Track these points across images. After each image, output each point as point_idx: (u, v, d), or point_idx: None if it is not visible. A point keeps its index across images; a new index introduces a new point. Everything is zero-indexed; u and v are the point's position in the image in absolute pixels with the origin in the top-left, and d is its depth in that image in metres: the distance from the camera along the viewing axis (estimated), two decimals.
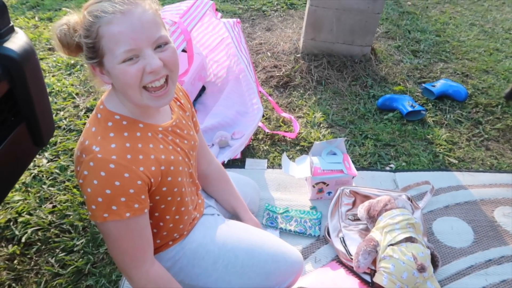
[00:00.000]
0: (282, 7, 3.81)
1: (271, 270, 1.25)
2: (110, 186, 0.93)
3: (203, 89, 2.47)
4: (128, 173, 0.94)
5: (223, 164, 1.91)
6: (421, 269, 1.35)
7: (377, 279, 1.40)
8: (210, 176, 1.43)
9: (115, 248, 1.01)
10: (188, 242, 1.23)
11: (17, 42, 1.17)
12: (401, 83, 2.78)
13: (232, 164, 2.04)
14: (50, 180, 1.92)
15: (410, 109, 2.39)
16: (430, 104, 2.58)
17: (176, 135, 1.12)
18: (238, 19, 2.24)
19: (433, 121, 2.44)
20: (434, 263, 1.50)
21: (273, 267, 1.25)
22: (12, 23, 1.21)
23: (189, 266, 1.20)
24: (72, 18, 0.93)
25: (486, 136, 2.35)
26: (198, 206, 1.30)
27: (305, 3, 3.50)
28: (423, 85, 2.71)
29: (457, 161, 2.15)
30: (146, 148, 1.01)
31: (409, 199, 1.70)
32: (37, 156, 2.05)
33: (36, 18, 3.46)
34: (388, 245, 1.42)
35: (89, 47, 0.91)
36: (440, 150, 2.22)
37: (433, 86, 2.65)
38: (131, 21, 0.87)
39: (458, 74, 2.93)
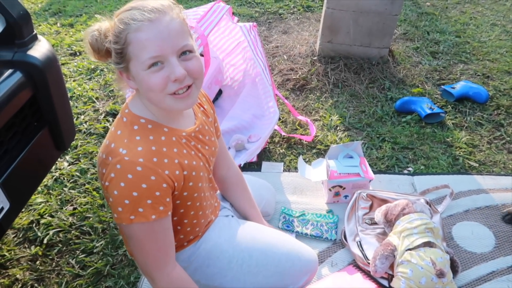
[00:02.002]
0: (299, 10, 3.81)
1: (286, 269, 1.26)
2: (137, 188, 0.94)
3: (219, 92, 2.49)
4: (155, 176, 0.96)
5: (240, 167, 1.92)
6: (440, 274, 1.33)
7: (395, 284, 1.38)
8: (228, 181, 1.43)
9: (139, 250, 1.03)
10: (203, 242, 1.24)
11: (40, 49, 1.21)
12: (419, 85, 2.74)
13: (248, 167, 2.05)
14: (71, 182, 1.97)
15: (429, 111, 2.36)
16: (449, 106, 2.54)
17: (198, 141, 1.14)
18: (255, 23, 2.26)
19: (452, 123, 2.40)
20: (454, 268, 1.48)
21: (287, 266, 1.26)
22: (35, 31, 1.26)
23: (204, 266, 1.22)
24: (103, 24, 0.97)
25: (508, 138, 2.29)
26: (214, 209, 1.32)
27: (322, 6, 3.49)
28: (442, 87, 2.66)
29: (477, 165, 2.10)
30: (170, 152, 1.02)
31: (427, 203, 1.67)
32: (59, 159, 2.10)
33: (58, 24, 3.55)
34: (406, 250, 1.40)
35: (117, 53, 0.94)
36: (460, 153, 2.17)
37: (453, 88, 2.60)
38: (159, 29, 0.90)
39: (478, 75, 2.87)
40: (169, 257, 1.07)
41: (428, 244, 1.41)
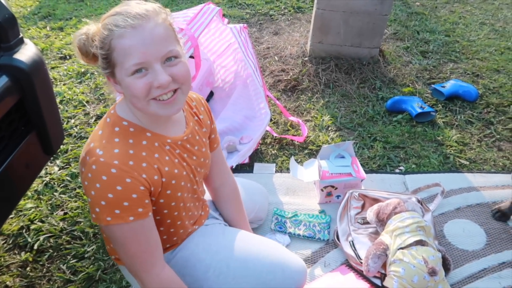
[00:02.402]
0: (290, 11, 3.82)
1: (267, 281, 1.19)
2: (112, 190, 0.94)
3: (211, 94, 2.48)
4: (130, 179, 0.95)
5: (232, 168, 1.91)
6: (432, 272, 1.33)
7: (388, 283, 1.39)
8: (221, 194, 1.39)
9: (124, 253, 1.02)
10: (180, 250, 1.21)
11: (26, 53, 1.20)
12: (410, 84, 2.75)
13: (240, 168, 2.05)
14: (61, 187, 1.95)
15: (419, 110, 2.37)
16: (440, 105, 2.55)
17: (185, 150, 1.12)
18: (245, 25, 2.26)
19: (443, 122, 2.41)
20: (446, 266, 1.48)
21: (268, 278, 1.19)
22: (21, 35, 1.24)
23: (180, 275, 1.16)
24: (91, 28, 0.96)
25: (498, 136, 2.31)
26: (199, 219, 1.28)
27: (312, 7, 3.50)
28: (432, 86, 2.68)
29: (468, 162, 2.12)
30: (150, 157, 1.02)
31: (419, 201, 1.68)
32: (49, 163, 2.09)
33: (48, 28, 3.53)
34: (398, 249, 1.41)
35: (103, 58, 0.94)
36: (450, 151, 2.19)
37: (443, 87, 2.62)
38: (142, 35, 0.89)
39: (468, 74, 2.89)
40: (156, 257, 1.05)
41: (420, 243, 1.41)
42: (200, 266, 1.19)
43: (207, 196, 1.43)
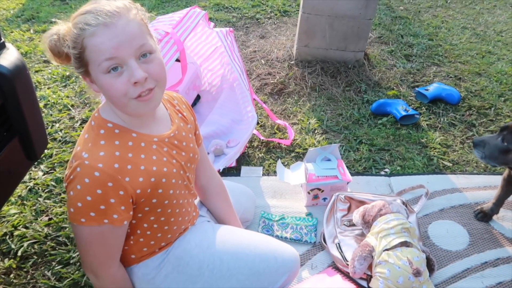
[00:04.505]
0: (276, 14, 3.84)
1: (260, 270, 1.22)
2: (92, 193, 0.94)
3: (197, 98, 2.48)
4: (112, 183, 0.95)
5: (219, 172, 1.91)
6: (417, 273, 1.35)
7: (373, 284, 1.40)
8: (209, 191, 1.41)
9: (86, 252, 1.03)
10: (173, 248, 1.21)
11: (8, 58, 1.18)
12: (394, 87, 2.79)
13: (227, 172, 2.05)
14: (46, 192, 1.92)
15: (404, 113, 2.41)
16: (423, 108, 2.60)
17: (173, 146, 1.12)
18: (231, 28, 2.26)
19: (427, 124, 2.46)
20: (430, 267, 1.51)
21: (261, 267, 1.23)
22: (3, 39, 1.23)
23: (174, 273, 1.18)
24: (62, 28, 0.95)
25: None
26: (192, 218, 1.29)
27: (298, 10, 3.52)
28: (416, 89, 2.72)
29: (451, 164, 2.16)
30: (136, 158, 1.01)
31: (403, 203, 1.70)
32: (33, 168, 2.05)
33: (31, 31, 3.48)
34: (384, 250, 1.42)
35: (76, 58, 0.93)
36: (434, 153, 2.23)
37: (426, 90, 2.66)
38: (114, 33, 0.89)
39: (451, 77, 2.95)
40: (115, 259, 1.08)
41: (405, 244, 1.43)
42: (193, 263, 1.20)
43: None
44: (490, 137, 1.55)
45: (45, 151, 2.09)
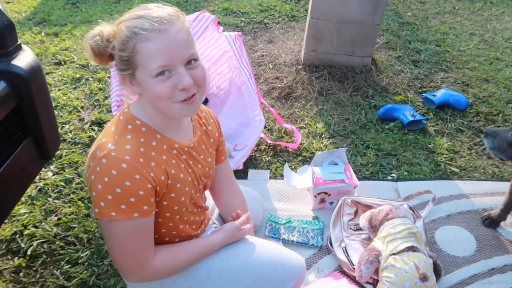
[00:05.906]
0: (284, 19, 3.87)
1: (268, 275, 1.22)
2: (121, 185, 0.94)
3: (206, 101, 2.50)
4: (139, 175, 0.96)
5: None
6: (423, 278, 1.35)
7: None
8: (231, 209, 1.39)
9: (121, 251, 1.01)
10: None
11: (24, 59, 1.21)
12: (402, 93, 2.80)
13: (234, 175, 2.05)
14: (55, 193, 1.95)
15: (411, 118, 2.41)
16: (431, 113, 2.60)
17: (190, 157, 1.13)
18: (240, 33, 2.28)
19: (434, 130, 2.46)
20: (437, 272, 1.51)
21: (269, 273, 1.22)
22: (19, 41, 1.25)
23: (182, 278, 1.17)
24: (105, 29, 0.96)
25: None
26: (202, 226, 1.30)
27: (306, 16, 3.55)
28: (423, 94, 2.73)
29: (458, 170, 2.16)
30: (159, 158, 1.03)
31: (410, 208, 1.71)
32: (43, 169, 2.08)
33: (43, 34, 3.53)
34: (390, 255, 1.43)
35: (123, 60, 0.95)
36: (441, 159, 2.23)
37: (434, 95, 2.67)
38: (168, 39, 0.91)
39: (458, 83, 2.95)
40: (151, 252, 1.06)
41: (412, 249, 1.43)
42: (202, 267, 1.20)
43: (207, 203, 1.44)
44: (502, 129, 1.57)
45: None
